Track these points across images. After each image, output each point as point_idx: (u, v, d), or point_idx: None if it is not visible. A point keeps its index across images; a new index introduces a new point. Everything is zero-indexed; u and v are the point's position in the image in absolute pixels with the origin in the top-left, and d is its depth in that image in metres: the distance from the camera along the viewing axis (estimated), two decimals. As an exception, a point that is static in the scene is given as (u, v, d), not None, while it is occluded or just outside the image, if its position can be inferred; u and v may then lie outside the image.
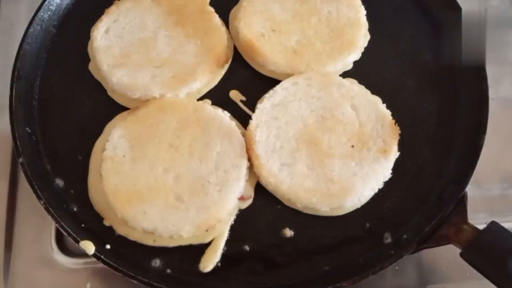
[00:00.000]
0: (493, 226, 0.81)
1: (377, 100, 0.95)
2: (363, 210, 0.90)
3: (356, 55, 1.02)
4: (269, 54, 1.00)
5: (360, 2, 1.05)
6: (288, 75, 0.99)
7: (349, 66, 1.02)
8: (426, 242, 0.85)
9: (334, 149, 0.89)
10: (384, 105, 0.95)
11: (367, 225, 0.90)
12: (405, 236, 0.88)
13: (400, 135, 0.92)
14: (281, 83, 0.97)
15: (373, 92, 0.97)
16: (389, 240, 0.88)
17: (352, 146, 0.90)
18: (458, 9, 1.02)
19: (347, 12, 1.03)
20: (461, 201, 0.86)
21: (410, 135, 0.95)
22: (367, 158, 0.89)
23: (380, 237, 0.89)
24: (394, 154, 0.90)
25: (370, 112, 0.93)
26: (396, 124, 0.92)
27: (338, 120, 0.92)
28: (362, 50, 1.03)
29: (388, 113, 0.94)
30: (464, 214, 0.85)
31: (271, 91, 0.96)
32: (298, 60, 0.99)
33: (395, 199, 0.91)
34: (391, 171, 0.90)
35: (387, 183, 0.90)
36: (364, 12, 1.05)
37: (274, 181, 0.88)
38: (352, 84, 0.97)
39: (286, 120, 0.92)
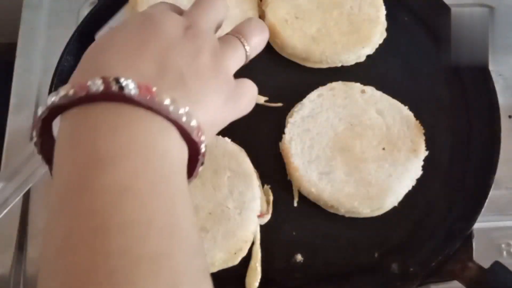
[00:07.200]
0: (497, 266, 0.84)
1: (398, 103, 1.00)
2: (373, 239, 0.92)
3: (369, 49, 1.07)
4: (287, 38, 1.05)
5: (381, 2, 1.10)
6: (304, 60, 1.05)
7: (362, 58, 1.07)
8: (432, 276, 0.87)
9: (367, 153, 0.94)
10: (406, 107, 0.99)
11: (376, 254, 0.91)
12: (412, 269, 0.90)
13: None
14: (307, 96, 1.00)
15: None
16: (396, 271, 0.90)
17: (383, 149, 0.94)
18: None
19: (368, 9, 1.08)
20: (468, 238, 0.89)
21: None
22: (399, 158, 0.93)
23: (387, 268, 0.90)
24: (423, 152, 0.95)
25: (395, 115, 0.98)
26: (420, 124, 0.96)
27: (366, 125, 0.96)
28: (377, 46, 1.08)
29: (410, 114, 0.99)
30: (470, 251, 0.88)
31: (299, 105, 0.99)
32: (314, 46, 1.04)
33: (404, 231, 0.93)
34: (420, 173, 0.93)
35: (397, 214, 0.92)
36: (385, 12, 1.09)
37: (316, 190, 0.91)
38: (373, 91, 1.01)
39: (318, 131, 0.96)
